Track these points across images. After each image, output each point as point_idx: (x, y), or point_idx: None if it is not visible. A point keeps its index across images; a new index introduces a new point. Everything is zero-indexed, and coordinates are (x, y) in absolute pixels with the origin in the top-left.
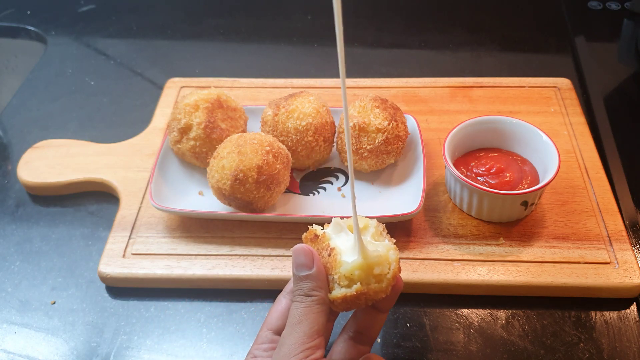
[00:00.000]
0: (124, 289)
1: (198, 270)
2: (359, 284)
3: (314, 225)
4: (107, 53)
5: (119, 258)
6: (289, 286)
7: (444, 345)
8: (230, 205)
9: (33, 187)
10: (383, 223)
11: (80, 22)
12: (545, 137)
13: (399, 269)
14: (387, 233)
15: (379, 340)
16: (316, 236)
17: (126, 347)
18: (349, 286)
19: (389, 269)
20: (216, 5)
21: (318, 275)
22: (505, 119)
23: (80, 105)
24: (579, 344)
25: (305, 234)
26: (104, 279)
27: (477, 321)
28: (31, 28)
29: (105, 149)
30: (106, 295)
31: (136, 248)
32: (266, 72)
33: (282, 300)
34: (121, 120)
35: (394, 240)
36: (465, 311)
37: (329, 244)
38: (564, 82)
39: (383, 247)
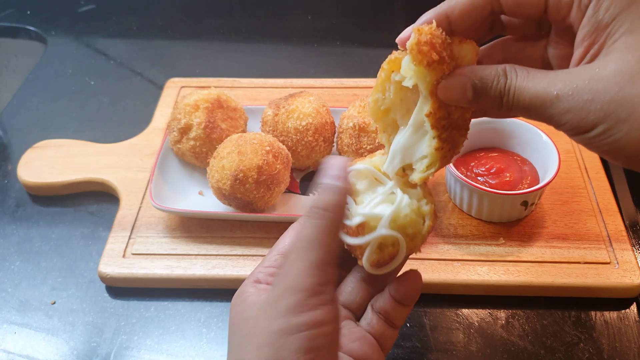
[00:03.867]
0: (124, 289)
1: (198, 270)
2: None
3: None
4: (107, 53)
5: (119, 258)
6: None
7: (444, 345)
8: (230, 205)
9: (33, 187)
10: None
11: (80, 22)
12: (545, 137)
13: (435, 219)
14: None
15: None
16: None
17: (126, 347)
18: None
19: (424, 224)
20: (216, 5)
21: (345, 191)
22: (505, 119)
23: (80, 105)
24: (579, 343)
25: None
26: (104, 279)
27: (477, 321)
28: (31, 28)
29: (105, 149)
30: (106, 295)
31: (136, 248)
32: (266, 72)
33: (297, 226)
34: (121, 120)
35: (427, 186)
36: (465, 311)
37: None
38: None
39: (419, 194)
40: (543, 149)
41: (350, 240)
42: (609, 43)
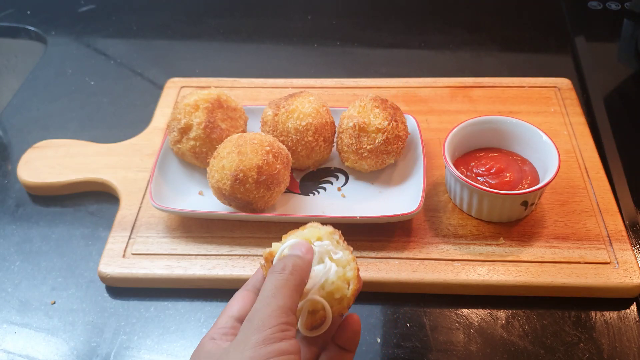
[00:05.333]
0: (124, 289)
1: (198, 270)
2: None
3: (273, 244)
4: (107, 53)
5: (119, 258)
6: (250, 282)
7: (444, 345)
8: (230, 205)
9: (33, 187)
10: (379, 222)
11: (80, 22)
12: (545, 137)
13: (359, 282)
14: (344, 241)
15: (378, 340)
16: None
17: (126, 347)
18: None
19: (348, 288)
20: (216, 5)
21: (307, 259)
22: (505, 119)
23: (80, 105)
24: (579, 344)
25: (266, 251)
26: (104, 279)
27: (477, 321)
28: (31, 28)
29: (105, 149)
30: (106, 295)
31: (136, 248)
32: (266, 72)
33: (242, 293)
34: (121, 120)
35: (351, 249)
36: (465, 311)
37: None
38: (564, 82)
39: (342, 261)
40: (543, 149)
41: None
42: None
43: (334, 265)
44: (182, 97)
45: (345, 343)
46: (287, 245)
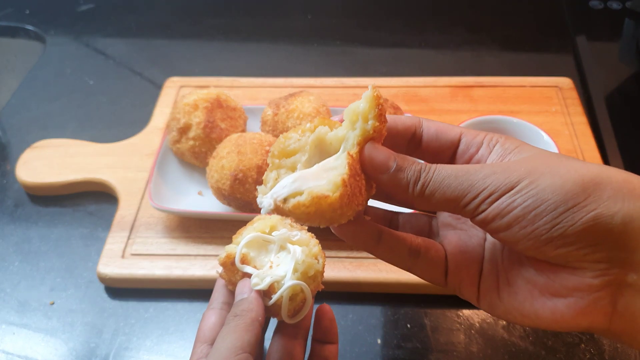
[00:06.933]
0: (123, 290)
1: (197, 270)
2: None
3: (226, 247)
4: (106, 53)
5: (118, 258)
6: (213, 299)
7: (445, 346)
8: (229, 205)
9: (32, 187)
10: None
11: (79, 22)
12: (546, 136)
13: (324, 255)
14: (296, 222)
15: (379, 341)
16: (233, 264)
17: (125, 347)
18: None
19: (319, 262)
20: (216, 4)
21: (253, 299)
22: (506, 118)
23: (79, 104)
24: (580, 344)
25: (222, 257)
26: (103, 279)
27: (478, 322)
28: (30, 28)
29: (104, 148)
30: (105, 295)
31: (135, 248)
32: (266, 72)
33: (209, 313)
34: (120, 120)
35: (305, 227)
36: (466, 312)
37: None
38: (565, 82)
39: (303, 240)
40: (544, 149)
41: (269, 302)
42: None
43: (298, 247)
44: (181, 96)
45: (325, 335)
46: (243, 244)
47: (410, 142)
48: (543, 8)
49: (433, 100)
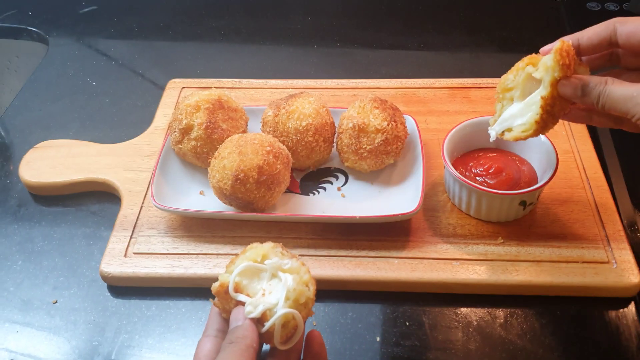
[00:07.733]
0: (125, 288)
1: (199, 269)
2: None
3: (220, 276)
4: (109, 54)
5: (120, 257)
6: (208, 327)
7: (443, 344)
8: (231, 205)
9: (35, 187)
10: (379, 222)
11: (81, 23)
12: (543, 137)
13: (315, 282)
14: (287, 250)
15: (378, 339)
16: (227, 293)
17: (128, 345)
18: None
19: (309, 290)
20: (217, 6)
21: (247, 327)
22: None
23: (82, 105)
24: (578, 342)
25: (216, 286)
26: (106, 278)
27: (476, 320)
28: (33, 29)
29: (106, 149)
30: (108, 294)
31: (138, 247)
32: (267, 73)
33: (204, 340)
34: (122, 121)
35: (297, 255)
36: (464, 310)
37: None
38: None
39: (294, 268)
40: (541, 149)
41: (262, 329)
42: None
43: (289, 275)
44: (183, 97)
45: (315, 357)
46: (236, 273)
47: (608, 47)
48: (541, 10)
49: (432, 101)
